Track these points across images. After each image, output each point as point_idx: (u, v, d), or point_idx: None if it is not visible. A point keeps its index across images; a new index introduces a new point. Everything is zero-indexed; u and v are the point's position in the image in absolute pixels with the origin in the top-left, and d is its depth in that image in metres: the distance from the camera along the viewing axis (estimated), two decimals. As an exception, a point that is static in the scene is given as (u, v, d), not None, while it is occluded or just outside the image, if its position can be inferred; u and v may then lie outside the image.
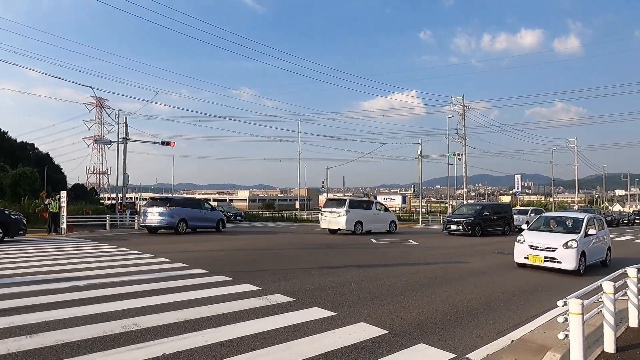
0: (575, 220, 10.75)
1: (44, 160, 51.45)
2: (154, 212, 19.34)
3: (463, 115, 39.57)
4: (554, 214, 13.05)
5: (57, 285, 6.94)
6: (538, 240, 10.01)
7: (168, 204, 19.81)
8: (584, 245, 9.78)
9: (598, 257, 10.86)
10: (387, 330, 4.93)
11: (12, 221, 14.90)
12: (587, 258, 9.85)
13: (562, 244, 9.52)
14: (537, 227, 11.17)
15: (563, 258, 9.39)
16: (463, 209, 24.76)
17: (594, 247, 10.45)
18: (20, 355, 3.87)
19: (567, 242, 9.53)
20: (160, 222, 19.16)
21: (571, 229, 10.46)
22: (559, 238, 9.85)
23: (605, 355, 4.18)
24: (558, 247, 9.52)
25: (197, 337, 4.51)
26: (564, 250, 9.43)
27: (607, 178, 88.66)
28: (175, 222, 19.23)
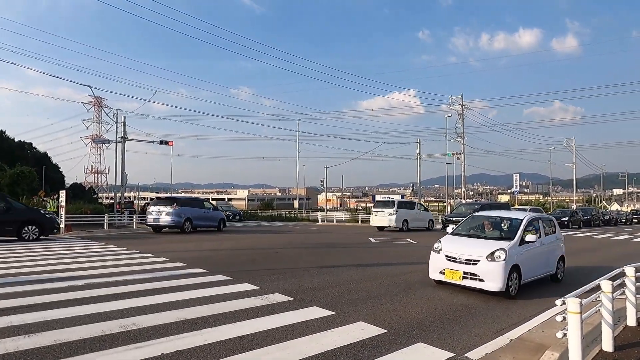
0: (512, 223, 8.11)
1: (42, 159, 51.35)
2: (160, 211, 19.71)
3: (462, 115, 39.63)
4: (488, 213, 10.01)
5: (55, 284, 6.93)
6: (458, 250, 7.33)
7: (175, 203, 20.19)
8: (518, 257, 7.12)
9: (543, 271, 8.16)
10: (386, 330, 4.94)
11: (46, 220, 15.71)
12: (522, 274, 7.18)
13: (486, 255, 6.89)
14: (465, 230, 8.40)
15: (486, 275, 6.78)
16: (462, 208, 24.81)
17: (536, 258, 7.79)
18: (18, 355, 3.87)
19: (494, 252, 6.87)
20: (167, 222, 19.57)
21: (507, 233, 7.83)
22: (484, 247, 7.18)
23: (604, 354, 4.20)
24: (481, 259, 6.89)
25: (196, 336, 4.50)
26: (487, 263, 6.81)
27: (605, 177, 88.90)
28: (181, 222, 19.68)
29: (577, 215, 32.77)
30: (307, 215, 45.75)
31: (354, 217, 41.49)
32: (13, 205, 15.41)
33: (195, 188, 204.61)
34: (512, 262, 6.89)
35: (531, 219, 8.10)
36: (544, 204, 65.99)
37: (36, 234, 15.06)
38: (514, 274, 6.96)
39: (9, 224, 14.68)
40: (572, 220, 31.06)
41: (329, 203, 67.89)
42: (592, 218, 34.61)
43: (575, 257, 13.07)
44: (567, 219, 30.84)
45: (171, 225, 19.69)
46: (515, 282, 7.00)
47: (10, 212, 14.89)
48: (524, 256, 7.30)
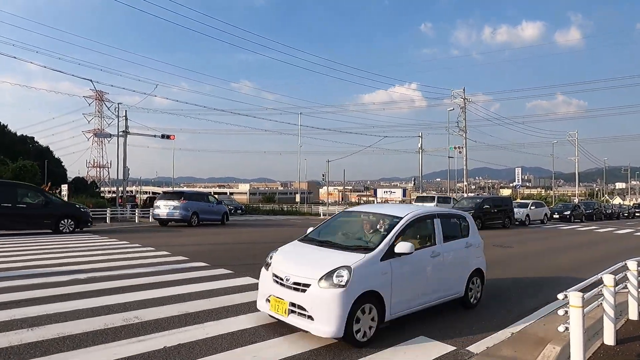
0: (389, 224, 5.16)
1: (44, 153, 51.47)
2: (168, 205, 19.96)
3: (464, 108, 39.49)
4: (363, 208, 6.57)
5: (58, 278, 6.96)
6: (290, 266, 4.71)
7: (182, 197, 20.50)
8: (378, 278, 4.45)
9: (437, 296, 5.32)
10: (387, 323, 4.94)
11: (82, 214, 16.46)
12: (387, 305, 4.47)
13: (320, 276, 4.27)
14: (324, 234, 5.71)
15: (315, 309, 4.17)
16: (463, 202, 24.76)
17: (420, 278, 5.05)
18: (22, 347, 3.89)
19: (333, 271, 4.25)
20: (175, 215, 19.86)
21: (376, 239, 4.91)
22: (326, 262, 4.48)
23: (605, 347, 4.20)
24: (312, 282, 4.28)
25: (198, 329, 4.52)
26: (320, 290, 4.18)
27: (608, 171, 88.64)
28: (189, 215, 19.95)
29: (579, 209, 32.71)
30: (309, 209, 45.81)
31: (355, 211, 41.45)
32: (51, 200, 16.07)
33: (197, 182, 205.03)
34: (361, 289, 4.21)
35: (418, 216, 5.34)
36: (546, 197, 65.93)
37: (72, 227, 15.68)
38: (366, 307, 4.28)
39: (48, 218, 15.35)
40: (574, 214, 31.03)
41: (331, 197, 67.96)
42: (594, 212, 34.55)
43: (577, 251, 13.07)
44: (569, 212, 30.81)
45: (179, 219, 20.02)
46: (368, 321, 4.29)
47: (49, 206, 15.57)
48: (392, 276, 4.56)
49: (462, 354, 4.10)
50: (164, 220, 20.38)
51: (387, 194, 63.04)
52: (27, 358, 3.67)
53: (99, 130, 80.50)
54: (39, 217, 15.32)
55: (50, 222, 15.42)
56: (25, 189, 16.47)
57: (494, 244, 14.63)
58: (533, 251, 12.73)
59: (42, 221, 15.35)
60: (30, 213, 15.20)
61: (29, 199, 15.54)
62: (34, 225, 15.32)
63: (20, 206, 15.00)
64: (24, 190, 15.88)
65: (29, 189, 16.58)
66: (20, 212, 14.93)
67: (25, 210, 15.12)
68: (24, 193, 15.65)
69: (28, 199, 15.52)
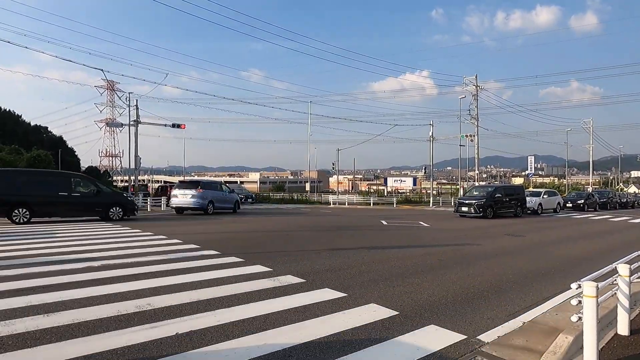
0: None
1: (57, 143, 52.18)
2: (185, 194, 20.52)
3: (476, 96, 38.90)
4: None
5: (72, 265, 7.08)
6: None
7: (199, 186, 21.10)
8: None
9: None
10: (398, 312, 4.95)
11: (129, 202, 17.75)
12: None
13: None
14: None
15: None
16: (474, 191, 24.56)
17: None
18: (38, 333, 3.97)
19: None
20: (192, 204, 20.43)
21: None
22: None
23: (619, 337, 4.15)
24: None
25: (210, 317, 4.57)
26: None
27: (623, 159, 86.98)
28: (205, 204, 20.56)
29: (593, 198, 32.25)
30: (319, 198, 45.88)
31: (365, 199, 41.47)
32: (102, 189, 17.20)
33: (208, 171, 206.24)
34: None
35: None
36: (559, 186, 65.06)
37: (120, 215, 16.76)
38: None
39: (99, 206, 16.54)
40: (588, 203, 30.61)
41: (341, 186, 67.87)
42: (608, 201, 34.04)
43: (590, 241, 12.90)
44: (583, 201, 30.40)
45: (196, 207, 20.53)
46: None
47: (100, 195, 16.73)
48: None
49: (473, 342, 4.09)
50: (181, 209, 20.92)
51: (398, 183, 62.69)
52: (43, 343, 3.74)
53: (110, 120, 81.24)
54: (91, 205, 16.43)
55: (101, 209, 16.51)
56: (79, 178, 17.67)
57: (506, 233, 14.51)
58: (545, 240, 12.59)
59: (94, 209, 16.46)
60: (83, 201, 16.29)
61: (82, 188, 16.63)
62: (86, 212, 16.42)
63: (75, 195, 16.10)
64: (77, 180, 17.02)
65: (82, 179, 17.79)
66: (75, 201, 16.02)
67: (79, 199, 16.21)
68: (78, 182, 16.78)
69: (81, 188, 16.61)
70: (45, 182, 15.96)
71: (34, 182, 15.72)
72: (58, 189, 15.71)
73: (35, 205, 15.10)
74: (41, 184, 15.72)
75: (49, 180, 16.20)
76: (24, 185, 15.24)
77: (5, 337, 3.85)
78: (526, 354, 3.79)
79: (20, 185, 15.20)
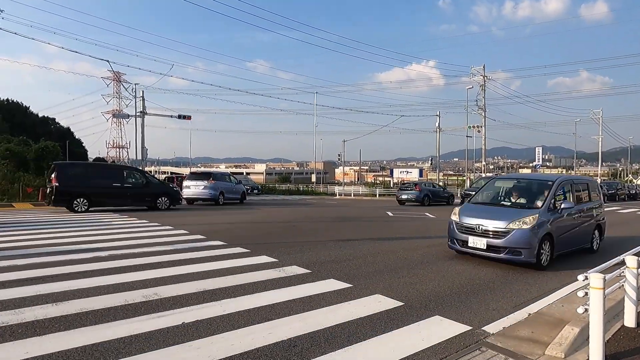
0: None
1: (65, 134, 52.53)
2: (198, 185, 21.04)
3: (483, 86, 38.52)
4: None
5: (80, 255, 7.16)
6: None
7: (211, 178, 21.64)
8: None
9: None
10: (403, 302, 4.95)
11: (175, 193, 18.57)
12: None
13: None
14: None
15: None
16: (482, 182, 24.39)
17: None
18: (47, 321, 4.03)
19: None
20: (205, 195, 20.97)
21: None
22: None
23: (625, 329, 4.13)
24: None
25: (216, 307, 4.61)
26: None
27: (633, 150, 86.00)
28: (217, 195, 21.10)
29: (602, 190, 31.98)
30: (325, 189, 45.90)
31: (371, 191, 41.43)
32: (150, 180, 18.07)
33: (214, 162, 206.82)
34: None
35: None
36: (567, 178, 64.40)
37: (167, 205, 17.55)
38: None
39: (148, 196, 17.35)
40: (596, 195, 30.33)
41: (347, 177, 67.78)
42: (617, 192, 33.74)
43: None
44: (591, 193, 30.12)
45: (208, 198, 21.05)
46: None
47: (149, 186, 17.56)
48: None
49: (478, 333, 4.09)
50: (192, 200, 21.41)
51: (404, 174, 62.45)
52: (52, 332, 3.79)
53: (117, 111, 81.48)
54: (141, 195, 17.24)
55: (150, 199, 17.32)
56: (130, 170, 18.62)
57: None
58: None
59: (144, 199, 17.27)
60: (134, 192, 17.09)
61: (133, 179, 17.42)
62: (137, 202, 17.18)
63: (126, 186, 16.95)
64: (128, 172, 17.95)
65: (133, 170, 18.71)
66: (126, 192, 16.86)
67: (131, 190, 17.02)
68: (129, 174, 17.64)
69: (132, 179, 17.40)
70: (100, 174, 17.14)
71: (91, 174, 16.79)
72: (112, 180, 16.72)
73: (93, 195, 16.03)
74: (97, 176, 16.77)
75: (103, 173, 17.43)
76: (82, 177, 16.18)
77: (15, 325, 3.91)
78: (531, 345, 3.78)
79: (79, 177, 16.16)
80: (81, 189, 15.82)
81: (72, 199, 15.63)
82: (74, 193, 15.67)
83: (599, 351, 3.36)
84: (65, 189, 15.54)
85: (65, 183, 15.58)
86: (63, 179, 15.65)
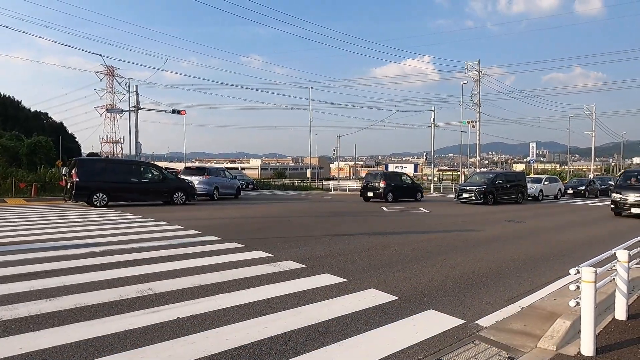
0: None
1: (58, 129, 52.07)
2: (192, 180, 20.86)
3: (478, 82, 38.59)
4: None
5: (74, 251, 7.13)
6: None
7: (205, 173, 21.75)
8: None
9: None
10: (397, 297, 4.98)
11: (190, 188, 18.75)
12: None
13: None
14: None
15: None
16: (476, 177, 24.53)
17: None
18: (41, 317, 4.02)
19: None
20: (200, 190, 20.82)
21: None
22: None
23: (616, 322, 4.18)
24: None
25: (210, 301, 4.61)
26: None
27: (626, 145, 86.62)
28: (212, 190, 21.25)
29: (594, 185, 32.22)
30: (320, 184, 45.90)
31: (366, 186, 41.38)
32: (167, 176, 18.29)
33: (209, 157, 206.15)
34: None
35: None
36: (561, 173, 64.96)
37: (183, 200, 17.93)
38: None
39: (165, 191, 17.75)
40: (589, 190, 30.59)
41: (342, 172, 67.76)
42: (609, 187, 34.00)
43: (590, 227, 12.93)
44: (584, 188, 30.39)
45: (203, 193, 20.98)
46: None
47: (165, 181, 17.88)
48: None
49: (471, 327, 4.12)
50: None
51: (399, 169, 62.61)
52: (46, 327, 3.78)
53: (110, 106, 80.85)
54: (157, 190, 17.63)
55: (166, 194, 17.72)
56: (147, 166, 18.89)
57: (506, 219, 14.54)
58: (545, 226, 12.62)
59: (160, 194, 17.67)
60: (151, 187, 17.52)
61: (150, 175, 17.72)
62: (154, 197, 17.60)
63: (144, 181, 17.37)
64: (146, 168, 18.22)
65: (149, 166, 18.94)
66: (144, 187, 17.32)
67: (148, 185, 17.46)
68: (146, 170, 17.95)
69: (149, 175, 17.70)
70: (118, 169, 17.41)
71: (109, 169, 17.11)
72: (130, 175, 17.06)
73: (112, 190, 16.40)
74: (115, 171, 17.13)
75: (122, 168, 17.63)
76: (101, 173, 16.60)
77: (8, 321, 3.90)
78: (524, 338, 3.82)
79: (98, 172, 16.59)
80: (100, 184, 16.20)
81: (91, 193, 16.00)
82: (94, 188, 16.06)
83: (590, 343, 3.40)
84: (85, 184, 15.94)
85: (85, 178, 15.99)
86: (83, 174, 16.04)
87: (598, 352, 3.43)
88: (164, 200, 17.71)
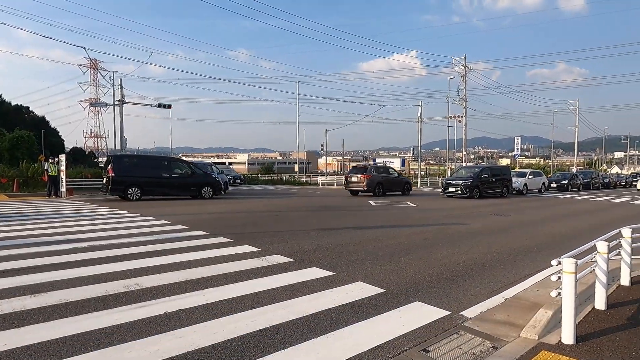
0: None
1: (40, 123, 50.95)
2: None
3: (464, 77, 38.88)
4: None
5: (59, 247, 7.04)
6: None
7: None
8: None
9: None
10: (384, 289, 5.04)
11: (217, 183, 19.32)
12: None
13: None
14: None
15: None
16: (462, 171, 24.79)
17: None
18: (25, 313, 3.97)
19: None
20: None
21: None
22: None
23: (596, 311, 4.30)
24: None
25: (198, 296, 4.61)
26: None
27: (608, 140, 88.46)
28: None
29: (577, 179, 32.83)
30: (308, 179, 45.90)
31: (354, 180, 41.50)
32: (195, 171, 18.75)
33: (196, 152, 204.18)
34: None
35: None
36: (545, 167, 66.03)
37: (210, 194, 18.58)
38: None
39: (194, 186, 18.35)
40: (572, 184, 31.16)
41: (330, 167, 67.92)
42: (591, 181, 34.69)
43: (572, 220, 13.20)
44: (567, 182, 30.93)
45: None
46: None
47: (193, 176, 18.45)
48: None
49: (456, 318, 4.20)
50: None
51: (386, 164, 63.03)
52: (31, 323, 3.74)
53: (94, 100, 79.45)
54: (186, 185, 18.20)
55: (195, 189, 18.31)
56: (176, 161, 19.50)
57: (492, 212, 14.75)
58: (529, 220, 12.85)
59: (189, 188, 18.26)
60: (181, 182, 18.08)
61: (179, 170, 18.18)
62: (183, 192, 18.26)
63: (174, 176, 17.96)
64: (175, 163, 18.86)
65: (179, 162, 19.64)
66: (174, 182, 17.88)
67: (178, 180, 18.01)
68: (176, 165, 18.60)
69: (179, 170, 18.15)
70: (151, 165, 18.10)
71: (142, 165, 17.78)
72: (161, 171, 17.70)
73: (145, 185, 17.08)
74: (148, 166, 17.76)
75: (154, 164, 18.35)
76: (135, 168, 17.26)
77: (-9, 317, 3.84)
78: (507, 328, 3.91)
79: (132, 168, 17.23)
80: (134, 179, 16.87)
81: (126, 188, 16.68)
82: (128, 182, 16.73)
83: (570, 332, 3.50)
84: (121, 179, 16.64)
85: (120, 173, 16.69)
86: (119, 169, 16.73)
87: (578, 341, 3.53)
88: (192, 195, 18.23)
